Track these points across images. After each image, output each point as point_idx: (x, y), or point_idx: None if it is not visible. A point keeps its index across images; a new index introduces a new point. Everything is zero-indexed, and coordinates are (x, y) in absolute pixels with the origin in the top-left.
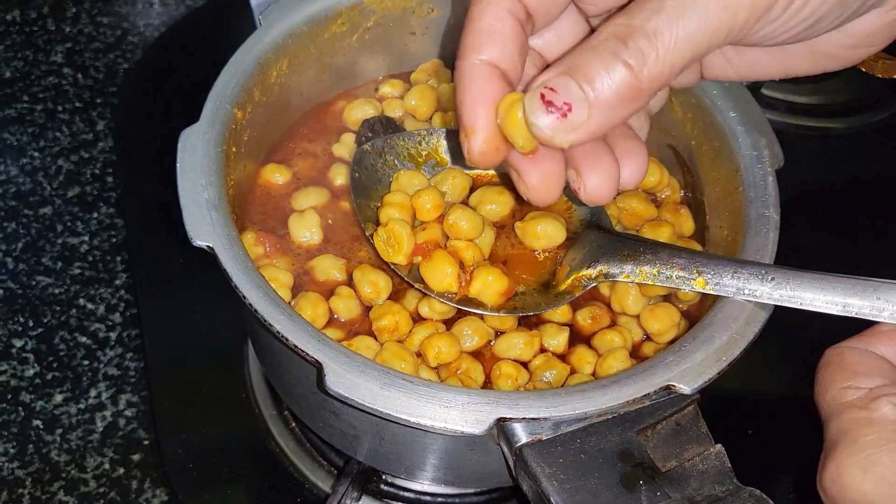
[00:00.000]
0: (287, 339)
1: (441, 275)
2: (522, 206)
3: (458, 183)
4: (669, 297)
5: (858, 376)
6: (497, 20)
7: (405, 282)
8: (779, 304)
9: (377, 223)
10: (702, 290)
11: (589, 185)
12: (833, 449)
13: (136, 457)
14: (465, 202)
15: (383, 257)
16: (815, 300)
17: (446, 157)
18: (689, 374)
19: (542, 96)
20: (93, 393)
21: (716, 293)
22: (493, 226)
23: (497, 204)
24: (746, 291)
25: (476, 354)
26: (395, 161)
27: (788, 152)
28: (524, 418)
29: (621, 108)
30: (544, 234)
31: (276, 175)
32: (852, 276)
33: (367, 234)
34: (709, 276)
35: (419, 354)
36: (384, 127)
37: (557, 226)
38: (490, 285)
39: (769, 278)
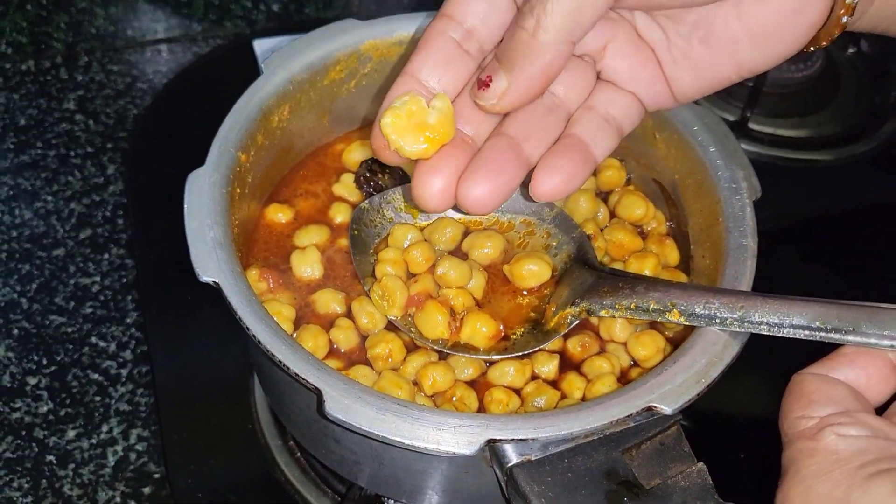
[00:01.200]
0: (288, 368)
1: (433, 324)
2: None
3: (451, 230)
4: (655, 325)
5: (813, 405)
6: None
7: (402, 331)
8: (748, 331)
9: (375, 278)
10: (676, 322)
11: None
12: (782, 478)
13: (146, 490)
14: (458, 247)
15: (380, 311)
16: (780, 325)
17: None
18: (670, 395)
19: (478, 79)
20: (104, 428)
21: (689, 323)
22: (484, 270)
23: (488, 247)
24: (717, 321)
25: (470, 382)
26: (392, 214)
27: (776, 184)
28: (513, 439)
29: (530, 67)
30: (530, 274)
31: (278, 214)
32: (819, 300)
33: (366, 289)
34: (682, 307)
35: (415, 383)
36: (381, 167)
37: (542, 265)
38: (479, 330)
39: (738, 307)
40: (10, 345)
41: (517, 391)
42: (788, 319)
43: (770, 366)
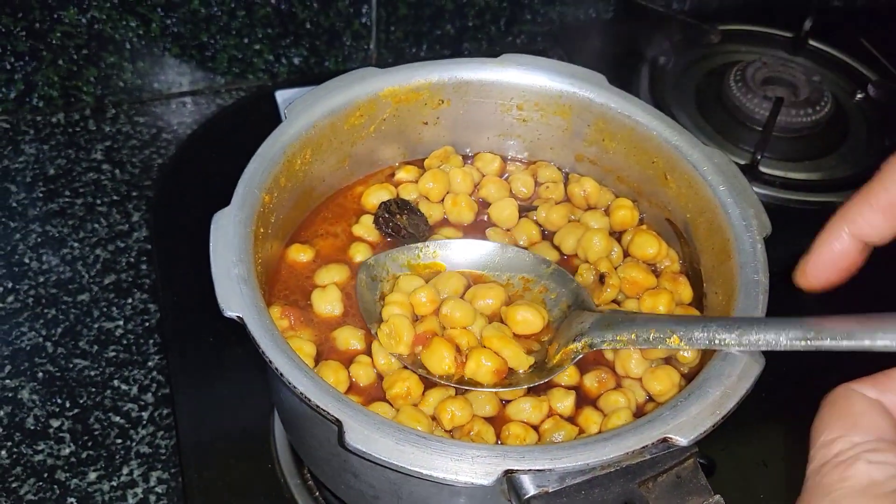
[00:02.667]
0: (309, 400)
1: (439, 359)
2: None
3: (454, 283)
4: (670, 360)
5: (856, 429)
6: None
7: (409, 369)
8: (748, 349)
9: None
10: (677, 347)
11: None
12: (805, 493)
13: None
14: (461, 297)
15: (387, 349)
16: (777, 339)
17: (443, 264)
18: (685, 426)
19: None
20: (125, 470)
21: (689, 347)
22: (487, 318)
23: (490, 298)
24: (717, 341)
25: (488, 417)
26: (396, 271)
27: (788, 226)
28: (530, 470)
29: None
30: (524, 320)
31: (300, 254)
32: (812, 317)
33: (373, 332)
34: (681, 333)
35: (434, 418)
36: (399, 208)
37: (536, 315)
38: (483, 365)
39: (735, 326)
40: (35, 388)
41: (535, 427)
42: (785, 332)
43: (792, 406)
